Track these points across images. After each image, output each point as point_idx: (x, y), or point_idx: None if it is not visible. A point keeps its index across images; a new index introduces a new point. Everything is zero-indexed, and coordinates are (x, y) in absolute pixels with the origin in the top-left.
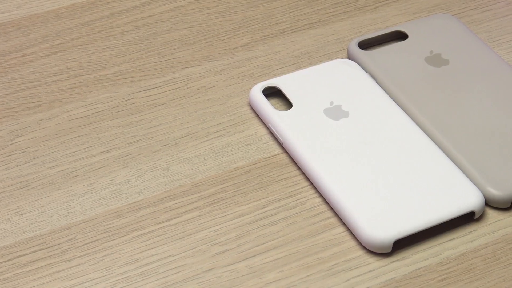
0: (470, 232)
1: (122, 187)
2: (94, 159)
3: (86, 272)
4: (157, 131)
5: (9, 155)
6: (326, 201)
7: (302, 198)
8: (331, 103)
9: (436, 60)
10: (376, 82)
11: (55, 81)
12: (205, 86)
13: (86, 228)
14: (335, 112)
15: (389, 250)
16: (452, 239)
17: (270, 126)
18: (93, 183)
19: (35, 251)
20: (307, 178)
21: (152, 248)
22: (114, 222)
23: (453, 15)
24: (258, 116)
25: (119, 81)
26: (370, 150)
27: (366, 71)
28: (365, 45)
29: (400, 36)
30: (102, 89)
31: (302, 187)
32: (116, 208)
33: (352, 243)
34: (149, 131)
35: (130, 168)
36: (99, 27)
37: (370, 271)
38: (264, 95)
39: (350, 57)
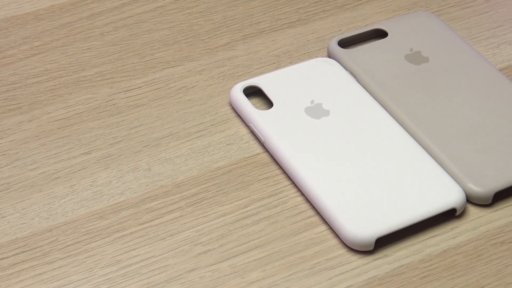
0: (452, 228)
1: (104, 188)
2: (75, 160)
3: (68, 274)
4: (138, 131)
5: None
6: (307, 200)
7: (284, 197)
8: (312, 101)
9: (416, 58)
10: (357, 80)
11: (35, 83)
12: (185, 86)
13: (68, 230)
14: (316, 111)
15: (371, 248)
16: (433, 236)
17: (251, 126)
18: (74, 184)
19: (16, 254)
20: (288, 177)
21: (134, 249)
22: (96, 224)
23: (432, 12)
24: (239, 115)
25: (99, 82)
26: (351, 148)
27: (346, 69)
28: (345, 43)
29: (380, 34)
30: (82, 90)
31: (284, 186)
32: (98, 210)
33: (334, 241)
34: (130, 132)
35: (111, 169)
36: (79, 28)
37: (352, 269)
38: (245, 94)
39: (330, 55)
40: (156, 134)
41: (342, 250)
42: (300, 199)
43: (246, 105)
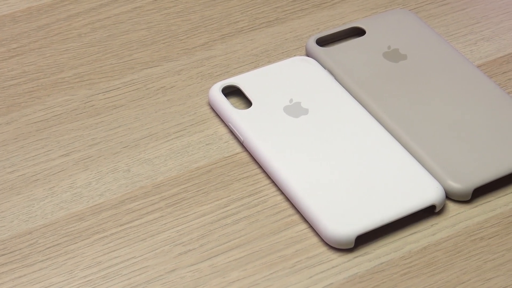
0: (432, 225)
1: (83, 190)
2: (54, 162)
3: (48, 277)
4: (117, 133)
5: None
6: (287, 199)
7: (264, 196)
8: (291, 100)
9: (394, 55)
10: (335, 78)
11: (13, 85)
12: (164, 86)
13: (48, 232)
14: (295, 110)
15: (351, 246)
16: (414, 233)
17: (230, 125)
18: (54, 186)
19: None
20: (268, 176)
21: (114, 251)
22: (76, 226)
23: (410, 10)
24: (218, 115)
25: (77, 83)
26: (330, 146)
27: (324, 67)
28: (323, 42)
29: (358, 32)
30: (60, 92)
31: (264, 185)
32: (77, 211)
33: (315, 239)
34: (109, 133)
35: (90, 170)
36: (56, 30)
37: (333, 267)
38: (224, 94)
39: (308, 54)
40: (135, 135)
41: (323, 248)
42: (280, 198)
43: (225, 105)
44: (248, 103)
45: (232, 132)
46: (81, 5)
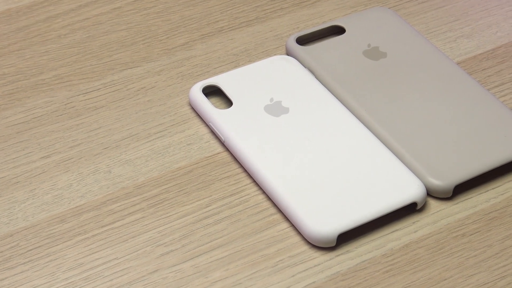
0: (413, 222)
1: (64, 191)
2: (35, 164)
3: (30, 279)
4: (97, 134)
5: None
6: (269, 198)
7: (245, 195)
8: (271, 99)
9: (374, 53)
10: (315, 77)
11: None
12: (144, 87)
13: (29, 235)
14: (276, 109)
15: (333, 244)
16: (395, 231)
17: (211, 125)
18: (35, 189)
19: None
20: (249, 175)
21: (96, 252)
22: (57, 227)
23: (389, 8)
24: (198, 115)
25: (57, 85)
26: (311, 145)
27: (305, 66)
28: (303, 40)
29: (338, 30)
30: (40, 94)
31: (245, 185)
32: (59, 213)
33: (297, 238)
34: (90, 135)
35: (71, 172)
36: (36, 32)
37: (315, 265)
38: (204, 94)
39: (288, 53)
40: (116, 136)
41: (305, 247)
42: (261, 197)
43: (206, 105)
44: (228, 102)
45: (213, 132)
46: (60, 6)
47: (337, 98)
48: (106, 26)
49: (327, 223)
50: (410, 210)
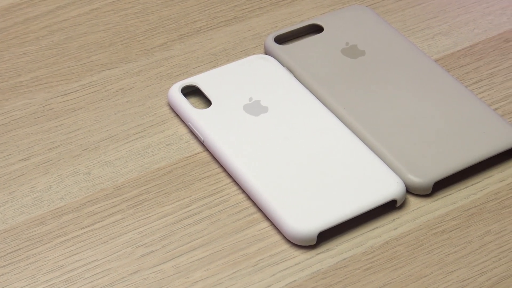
0: (393, 220)
1: (43, 194)
2: (14, 167)
3: (10, 282)
4: (76, 135)
5: None
6: (249, 197)
7: (225, 195)
8: (250, 99)
9: (352, 52)
10: (294, 76)
11: None
12: (123, 88)
13: (8, 238)
14: (255, 108)
15: (314, 243)
16: (375, 228)
17: (190, 125)
18: (14, 191)
19: None
20: (229, 175)
21: (76, 254)
22: (37, 230)
23: (367, 6)
24: (177, 115)
25: (36, 87)
26: (290, 144)
27: (283, 65)
28: (281, 39)
29: (316, 29)
30: (19, 96)
31: (225, 184)
32: (38, 216)
33: (277, 237)
34: (69, 136)
35: (50, 174)
36: (14, 34)
37: (296, 264)
38: (183, 94)
39: (267, 52)
40: (95, 137)
41: (285, 246)
42: (241, 196)
43: (185, 105)
44: (207, 102)
45: (192, 132)
46: (38, 8)
47: (316, 96)
48: (84, 27)
49: (307, 221)
50: (389, 207)
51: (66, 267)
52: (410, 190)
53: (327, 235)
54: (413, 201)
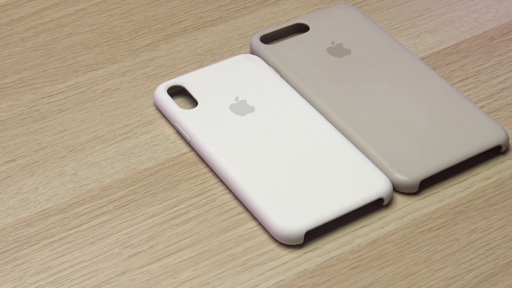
0: (380, 218)
1: (30, 195)
2: (0, 169)
3: None
4: (62, 137)
5: None
6: (236, 197)
7: (212, 195)
8: (236, 98)
9: (338, 51)
10: (280, 75)
11: None
12: (109, 88)
13: None
14: (241, 108)
15: (301, 242)
16: (362, 227)
17: (177, 125)
18: (0, 193)
19: None
20: (216, 175)
21: (63, 255)
22: (24, 232)
23: (352, 5)
24: (164, 116)
25: (21, 88)
26: (277, 143)
27: (269, 65)
28: (267, 39)
29: (302, 28)
30: (4, 97)
31: (212, 184)
32: (25, 217)
33: (264, 237)
34: (55, 138)
35: (37, 176)
36: None
37: (283, 263)
38: (169, 94)
39: (253, 52)
40: (81, 138)
41: (272, 245)
42: (228, 196)
43: (171, 105)
44: (194, 102)
45: (178, 132)
46: (23, 9)
47: (302, 95)
48: (69, 28)
49: (294, 221)
50: (376, 206)
51: (53, 268)
52: (397, 189)
53: (314, 234)
54: (400, 199)
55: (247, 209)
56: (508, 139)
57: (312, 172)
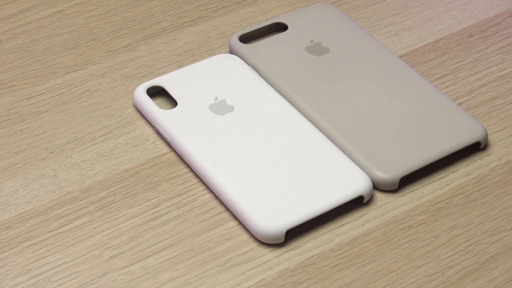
0: (361, 216)
1: (10, 198)
2: None
3: None
4: (42, 138)
5: None
6: (216, 197)
7: (193, 195)
8: (216, 98)
9: (316, 49)
10: (259, 74)
11: None
12: (88, 90)
13: None
14: (220, 107)
15: (282, 241)
16: (343, 225)
17: (156, 126)
18: None
19: None
20: (196, 175)
21: (44, 257)
22: (4, 234)
23: (331, 3)
24: (143, 116)
25: (0, 91)
26: (256, 142)
27: (248, 64)
28: (246, 38)
29: (281, 27)
30: None
31: (192, 184)
32: (5, 220)
33: (245, 236)
34: (34, 139)
35: (17, 178)
36: None
37: (264, 262)
38: (149, 95)
39: (232, 51)
40: (61, 140)
41: (253, 245)
42: (208, 196)
43: (150, 106)
44: (173, 103)
45: (158, 133)
46: (1, 11)
47: (281, 94)
48: (48, 30)
49: (275, 220)
50: (357, 203)
51: (34, 270)
52: (377, 186)
53: (295, 233)
54: (380, 197)
55: (227, 208)
56: (487, 135)
57: (292, 170)
